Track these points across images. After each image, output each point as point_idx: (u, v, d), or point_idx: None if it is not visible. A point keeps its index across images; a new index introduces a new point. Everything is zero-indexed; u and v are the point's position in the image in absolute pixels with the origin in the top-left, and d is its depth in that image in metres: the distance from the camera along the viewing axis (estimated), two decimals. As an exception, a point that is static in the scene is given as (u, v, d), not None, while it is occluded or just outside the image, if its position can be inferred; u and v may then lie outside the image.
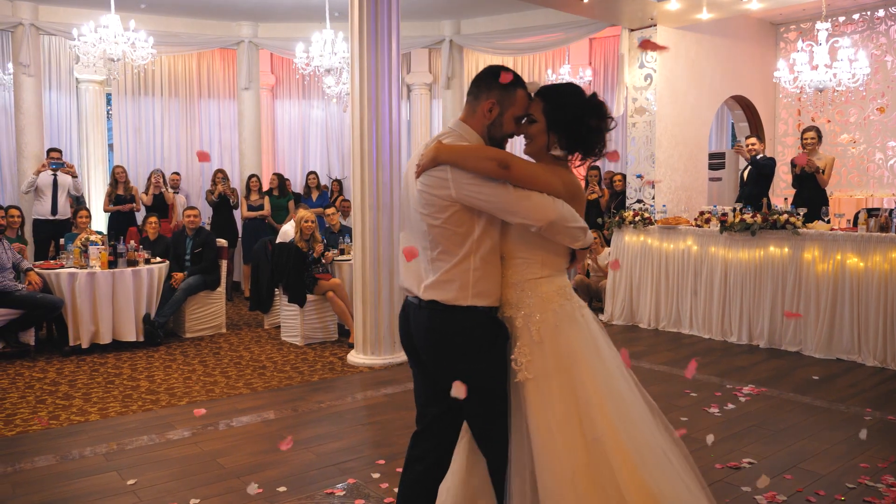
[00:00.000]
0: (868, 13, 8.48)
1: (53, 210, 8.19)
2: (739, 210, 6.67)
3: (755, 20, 8.85)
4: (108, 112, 10.42)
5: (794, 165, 7.14)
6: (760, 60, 8.96)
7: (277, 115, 11.36)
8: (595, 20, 8.45)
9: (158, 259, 7.06)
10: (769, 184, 7.44)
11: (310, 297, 6.69)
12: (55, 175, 8.19)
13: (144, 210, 8.85)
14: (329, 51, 8.41)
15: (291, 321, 6.77)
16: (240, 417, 4.57)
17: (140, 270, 6.57)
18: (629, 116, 8.14)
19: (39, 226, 8.23)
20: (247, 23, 10.06)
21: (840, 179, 8.72)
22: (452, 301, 2.19)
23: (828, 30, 7.36)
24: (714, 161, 8.95)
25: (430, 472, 2.38)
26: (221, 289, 7.33)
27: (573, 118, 2.25)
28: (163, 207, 9.03)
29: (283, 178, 9.63)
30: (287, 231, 7.22)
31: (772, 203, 6.79)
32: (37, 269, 6.45)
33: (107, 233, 8.44)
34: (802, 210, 6.34)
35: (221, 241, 7.60)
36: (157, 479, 3.60)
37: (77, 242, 6.74)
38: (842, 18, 8.59)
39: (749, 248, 6.53)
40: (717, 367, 5.77)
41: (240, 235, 9.42)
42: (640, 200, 7.99)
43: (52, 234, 8.11)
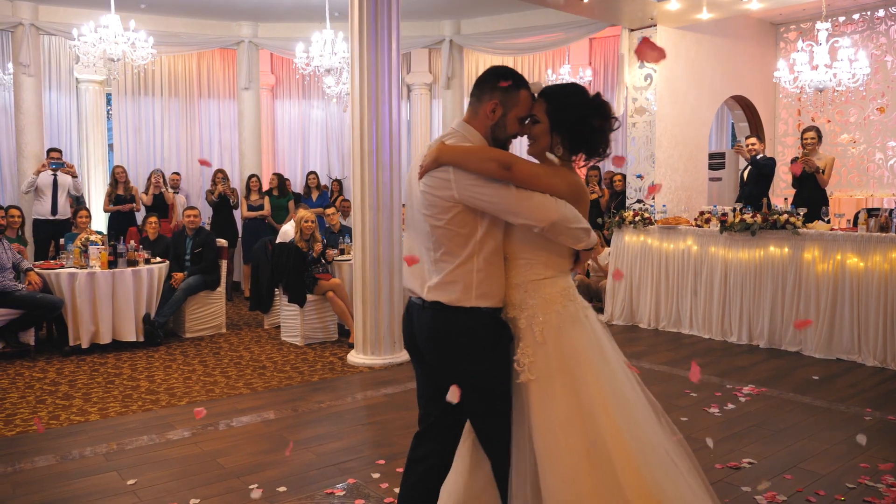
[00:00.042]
0: (868, 13, 8.48)
1: (53, 210, 8.19)
2: (739, 210, 6.67)
3: (755, 20, 8.85)
4: (108, 112, 10.42)
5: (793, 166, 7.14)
6: (760, 60, 8.96)
7: (277, 115, 11.36)
8: (595, 20, 8.45)
9: (158, 259, 7.06)
10: (769, 184, 7.44)
11: (310, 297, 6.69)
12: (55, 175, 8.19)
13: (144, 210, 8.85)
14: (329, 51, 8.40)
15: (291, 321, 6.77)
16: (240, 417, 4.57)
17: (140, 270, 6.57)
18: (629, 116, 8.14)
19: (39, 226, 8.23)
20: (247, 23, 10.06)
21: (840, 179, 8.72)
22: (456, 302, 2.20)
23: (828, 30, 7.36)
24: (714, 161, 8.95)
25: (433, 473, 2.38)
26: (221, 289, 7.33)
27: (576, 119, 2.25)
28: (163, 207, 9.03)
29: (283, 178, 9.64)
30: (287, 231, 7.22)
31: (772, 203, 6.79)
32: (37, 269, 6.45)
33: (107, 233, 8.44)
34: (802, 210, 6.34)
35: (221, 241, 7.60)
36: (157, 479, 3.60)
37: (77, 242, 6.74)
38: (842, 18, 8.59)
39: (749, 248, 6.53)
40: (717, 367, 5.77)
41: (240, 235, 9.42)
42: (640, 200, 7.99)
43: (52, 234, 8.11)
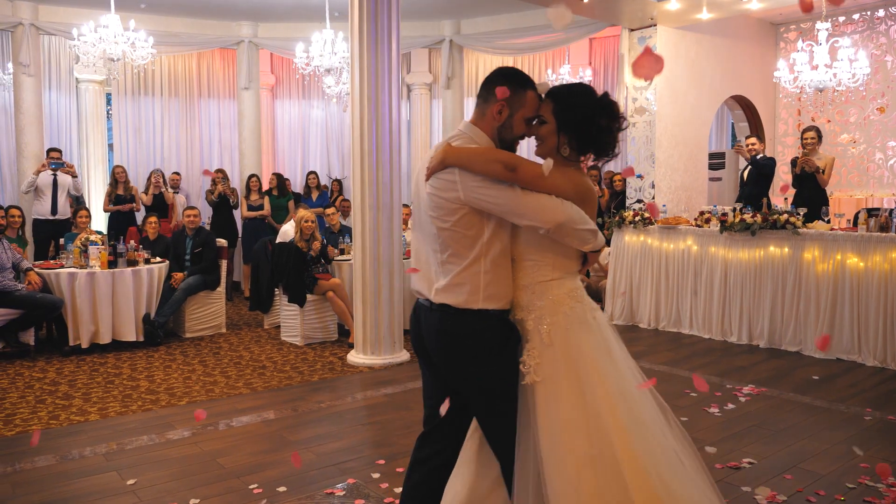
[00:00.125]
0: (868, 13, 8.48)
1: (53, 210, 8.19)
2: (739, 210, 6.67)
3: (755, 20, 8.85)
4: (108, 112, 10.42)
5: (794, 165, 7.13)
6: (760, 60, 8.96)
7: (277, 115, 11.36)
8: (595, 20, 8.46)
9: (158, 259, 7.05)
10: (769, 184, 7.44)
11: (310, 297, 6.69)
12: (55, 175, 8.18)
13: (144, 210, 8.84)
14: (329, 51, 8.40)
15: (291, 321, 6.77)
16: (240, 417, 4.57)
17: (140, 270, 6.57)
18: (629, 116, 8.14)
19: (39, 226, 8.23)
20: (247, 23, 10.06)
21: (840, 179, 8.72)
22: (463, 304, 2.19)
23: (828, 30, 7.36)
24: (714, 161, 8.96)
25: (437, 473, 2.38)
26: (221, 289, 7.33)
27: (583, 118, 2.23)
28: (163, 207, 9.03)
29: (283, 178, 9.64)
30: (287, 231, 7.22)
31: (772, 203, 6.79)
32: (36, 269, 6.45)
33: (107, 233, 8.44)
34: (802, 210, 6.34)
35: (221, 241, 7.60)
36: (157, 479, 3.60)
37: (77, 242, 6.73)
38: (842, 18, 8.59)
39: (749, 248, 6.53)
40: (717, 367, 5.77)
41: (240, 235, 9.42)
42: (640, 200, 7.99)
43: (52, 234, 8.11)
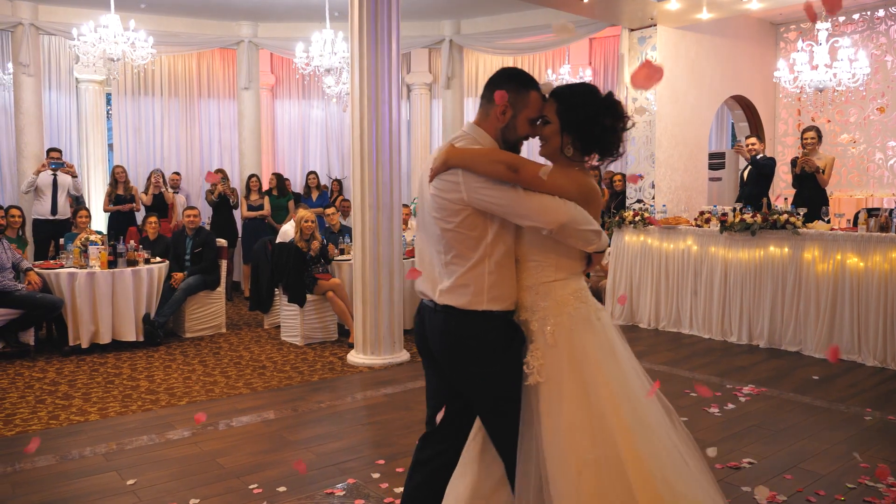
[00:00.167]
0: (868, 13, 8.48)
1: (53, 210, 8.19)
2: (739, 210, 6.67)
3: (755, 20, 8.85)
4: (108, 112, 10.42)
5: (794, 165, 7.13)
6: (760, 60, 8.96)
7: (277, 115, 11.35)
8: (595, 20, 8.46)
9: (158, 259, 7.05)
10: (769, 184, 7.44)
11: (310, 297, 6.69)
12: (55, 175, 8.18)
13: (144, 210, 8.84)
14: (329, 51, 8.40)
15: (291, 321, 6.77)
16: (240, 417, 4.57)
17: (140, 270, 6.57)
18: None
19: (39, 226, 8.22)
20: (247, 23, 10.06)
21: (840, 179, 8.71)
22: (468, 306, 2.19)
23: (828, 30, 7.36)
24: (714, 161, 8.95)
25: (438, 474, 2.38)
26: (221, 289, 7.32)
27: (587, 118, 2.22)
28: (163, 207, 9.03)
29: (283, 178, 9.64)
30: (287, 231, 7.22)
31: (772, 203, 6.79)
32: (36, 269, 6.44)
33: (106, 233, 8.44)
34: (802, 210, 6.34)
35: (221, 241, 7.60)
36: (157, 479, 3.60)
37: (77, 242, 6.73)
38: (842, 18, 8.59)
39: (749, 248, 6.53)
40: (717, 367, 5.77)
41: (240, 235, 9.41)
42: (640, 200, 7.99)
43: (52, 234, 8.10)
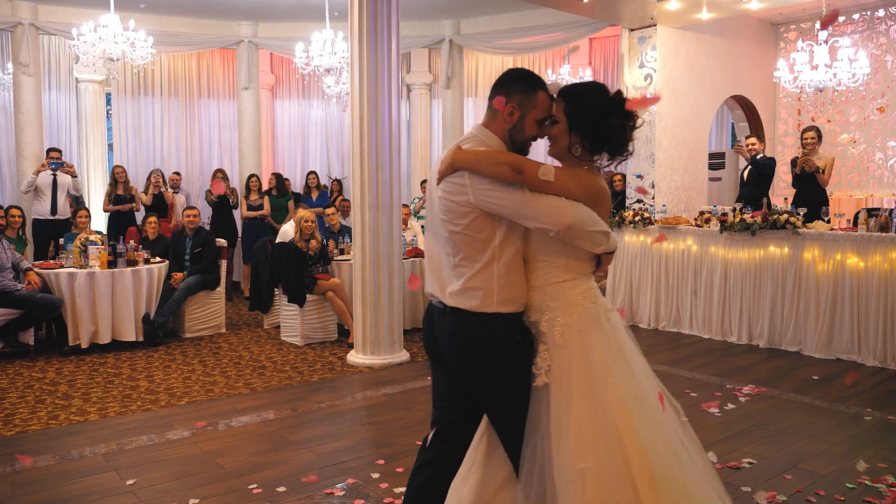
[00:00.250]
0: (868, 13, 8.48)
1: (53, 210, 8.18)
2: (739, 210, 6.67)
3: (755, 20, 8.85)
4: (108, 112, 10.41)
5: (794, 165, 7.13)
6: (760, 60, 8.96)
7: (277, 115, 11.35)
8: (595, 20, 8.46)
9: (158, 259, 7.05)
10: (769, 184, 7.44)
11: (309, 297, 6.69)
12: (55, 175, 8.18)
13: (144, 210, 8.84)
14: (329, 51, 8.40)
15: (291, 321, 6.77)
16: (239, 417, 4.57)
17: (139, 270, 6.57)
18: (629, 116, 8.13)
19: (39, 226, 8.22)
20: (246, 22, 10.05)
21: (840, 179, 8.71)
22: (477, 308, 2.19)
23: (828, 29, 7.35)
24: (714, 161, 8.95)
25: (442, 473, 2.38)
26: (221, 289, 7.32)
27: (595, 118, 2.21)
28: (162, 207, 9.02)
29: (282, 178, 9.63)
30: (287, 231, 7.21)
31: (772, 203, 6.79)
32: (36, 269, 6.44)
33: (106, 233, 8.44)
34: (802, 210, 6.34)
35: (221, 241, 7.59)
36: (157, 479, 3.60)
37: (76, 242, 6.73)
38: (842, 18, 8.58)
39: (749, 248, 6.53)
40: (717, 367, 5.77)
41: (239, 235, 9.41)
42: (640, 200, 7.99)
43: (52, 234, 8.10)
